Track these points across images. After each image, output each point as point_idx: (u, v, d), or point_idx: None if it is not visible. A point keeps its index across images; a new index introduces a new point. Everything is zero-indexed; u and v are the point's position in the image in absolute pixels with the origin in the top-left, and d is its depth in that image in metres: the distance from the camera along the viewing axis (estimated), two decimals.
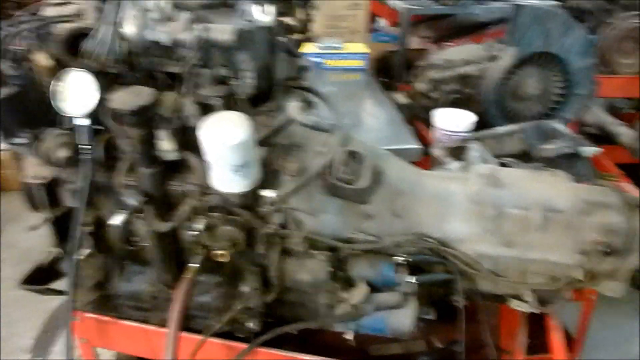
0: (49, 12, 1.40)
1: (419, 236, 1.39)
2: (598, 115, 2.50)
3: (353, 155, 1.34)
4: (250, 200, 1.28)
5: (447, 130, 2.50)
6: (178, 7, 1.25)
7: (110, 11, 1.24)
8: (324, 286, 1.34)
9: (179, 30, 1.24)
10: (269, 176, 1.32)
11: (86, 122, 1.31)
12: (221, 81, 1.34)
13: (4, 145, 1.48)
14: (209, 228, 1.28)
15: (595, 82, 2.49)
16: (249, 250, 1.34)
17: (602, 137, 2.78)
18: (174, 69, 1.36)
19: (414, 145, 2.29)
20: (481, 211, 1.40)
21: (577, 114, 2.53)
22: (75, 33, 1.28)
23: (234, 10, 1.27)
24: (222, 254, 1.32)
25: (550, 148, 2.15)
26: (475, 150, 2.09)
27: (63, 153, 1.31)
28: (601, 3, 2.99)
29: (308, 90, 1.52)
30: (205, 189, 1.27)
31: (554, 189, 1.43)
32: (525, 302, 1.44)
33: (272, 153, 1.34)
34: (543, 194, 1.41)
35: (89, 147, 1.32)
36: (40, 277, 1.67)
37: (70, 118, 1.35)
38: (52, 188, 1.46)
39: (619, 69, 2.99)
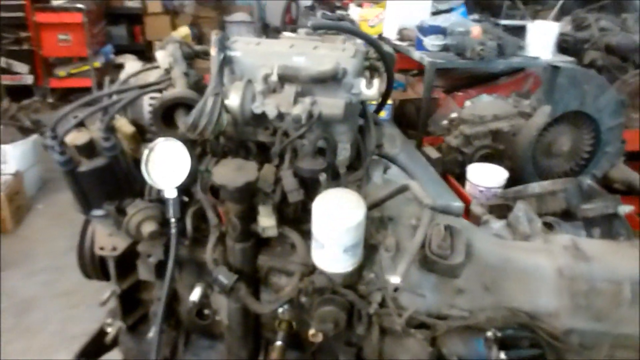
0: (138, 80, 1.34)
1: (511, 311, 1.36)
2: (627, 173, 2.56)
3: (448, 229, 1.31)
4: (354, 279, 1.23)
5: (480, 186, 2.52)
6: (284, 79, 1.21)
7: (215, 82, 1.19)
8: None
9: (286, 103, 1.20)
10: (366, 251, 1.28)
11: (175, 194, 1.25)
12: (319, 153, 1.30)
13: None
14: (313, 309, 1.22)
15: (623, 140, 2.56)
16: (345, 330, 1.28)
17: (620, 192, 2.83)
18: (266, 139, 1.33)
19: (456, 202, 2.28)
20: (572, 285, 1.39)
21: (605, 171, 2.58)
22: (171, 102, 1.23)
23: (336, 84, 1.24)
24: (314, 334, 1.25)
25: (592, 208, 2.18)
26: (519, 209, 2.10)
27: (150, 227, 1.24)
28: (615, 60, 3.11)
29: (389, 158, 1.50)
30: (308, 268, 1.22)
31: (638, 261, 1.43)
32: None
33: (368, 227, 1.30)
34: (630, 267, 1.41)
35: (177, 220, 1.25)
36: (93, 350, 1.57)
37: (158, 189, 1.29)
38: (123, 260, 1.38)
39: (632, 123, 3.08)
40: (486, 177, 2.51)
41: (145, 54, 6.82)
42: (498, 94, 3.54)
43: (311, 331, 1.25)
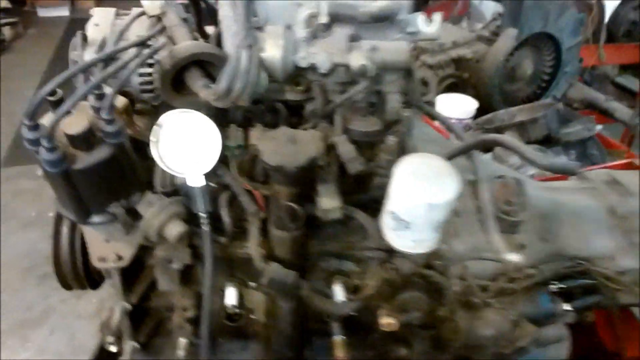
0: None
1: (575, 261, 1.27)
2: (586, 92, 2.57)
3: (518, 184, 1.16)
4: (432, 256, 1.05)
5: (452, 118, 2.40)
6: (335, 20, 0.94)
7: (245, 30, 0.89)
8: (507, 336, 1.16)
9: (339, 51, 0.94)
10: None
11: (202, 182, 0.96)
12: (370, 110, 1.07)
13: None
14: (390, 297, 1.03)
15: (581, 58, 2.55)
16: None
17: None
18: (296, 97, 1.06)
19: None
20: (623, 224, 1.32)
21: (564, 91, 2.57)
22: (186, 61, 0.92)
23: (388, 22, 0.99)
24: (389, 323, 1.07)
25: (572, 131, 2.16)
26: None
27: (177, 228, 0.95)
28: None
29: (424, 110, 1.30)
30: (384, 252, 1.01)
31: None
32: None
33: None
34: None
35: (208, 214, 0.98)
36: None
37: (174, 177, 0.99)
38: (130, 270, 1.08)
39: None
40: (456, 108, 2.40)
41: None
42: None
43: (385, 320, 1.07)
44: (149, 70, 1.00)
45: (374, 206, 1.13)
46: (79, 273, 1.21)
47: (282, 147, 0.91)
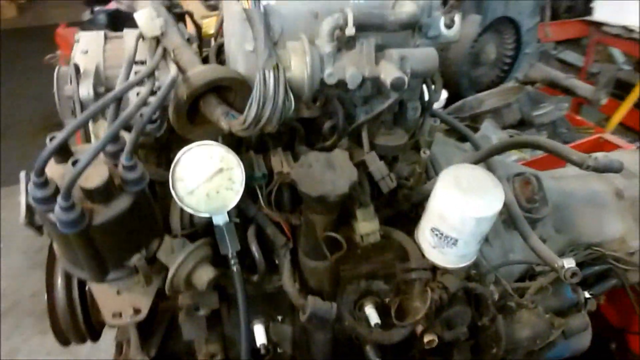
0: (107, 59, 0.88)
1: (592, 250, 1.27)
2: (546, 71, 2.61)
3: (538, 181, 1.14)
4: (471, 268, 1.01)
5: None
6: (361, 29, 0.87)
7: (268, 48, 0.80)
8: (542, 334, 1.14)
9: (367, 63, 0.87)
10: None
11: (224, 219, 0.87)
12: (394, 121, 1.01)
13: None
14: (436, 315, 0.98)
15: (539, 39, 2.60)
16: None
17: None
18: (313, 114, 0.98)
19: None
20: (632, 205, 1.33)
21: (525, 72, 2.61)
22: (205, 89, 0.82)
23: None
24: (431, 340, 1.02)
25: (545, 113, 2.19)
26: (487, 128, 2.02)
27: (208, 274, 0.86)
28: None
29: (440, 117, 1.26)
30: (428, 272, 0.96)
31: None
32: None
33: None
34: None
35: (236, 253, 0.89)
36: None
37: (193, 216, 0.90)
38: (146, 322, 0.97)
39: None
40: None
41: None
42: None
43: (428, 337, 1.02)
44: (151, 99, 0.89)
45: (401, 220, 1.08)
46: (79, 326, 1.08)
47: (319, 174, 0.83)
